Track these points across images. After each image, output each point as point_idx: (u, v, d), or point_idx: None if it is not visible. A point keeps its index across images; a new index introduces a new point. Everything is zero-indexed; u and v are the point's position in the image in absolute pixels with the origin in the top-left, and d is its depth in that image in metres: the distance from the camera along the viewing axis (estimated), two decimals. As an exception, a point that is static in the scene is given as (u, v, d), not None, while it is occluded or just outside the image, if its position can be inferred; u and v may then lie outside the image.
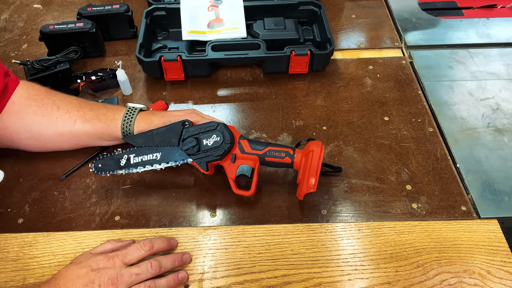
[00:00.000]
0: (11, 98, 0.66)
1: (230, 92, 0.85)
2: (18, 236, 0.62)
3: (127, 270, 0.52)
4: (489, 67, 0.89)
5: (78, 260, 0.53)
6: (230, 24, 0.91)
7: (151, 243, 0.56)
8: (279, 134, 0.76)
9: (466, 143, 0.75)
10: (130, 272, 0.52)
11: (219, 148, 0.61)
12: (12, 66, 0.86)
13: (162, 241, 0.58)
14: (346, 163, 0.71)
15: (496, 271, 0.58)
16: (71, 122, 0.67)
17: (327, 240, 0.62)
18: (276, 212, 0.65)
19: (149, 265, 0.53)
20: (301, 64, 0.84)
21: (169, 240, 0.59)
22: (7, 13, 1.05)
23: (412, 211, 0.65)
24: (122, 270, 0.52)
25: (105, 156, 0.64)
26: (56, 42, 0.86)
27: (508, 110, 0.80)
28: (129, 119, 0.67)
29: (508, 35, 0.96)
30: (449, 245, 0.61)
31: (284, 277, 0.57)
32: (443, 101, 0.82)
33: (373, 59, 0.91)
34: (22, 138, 0.68)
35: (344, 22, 1.01)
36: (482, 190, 0.68)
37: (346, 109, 0.80)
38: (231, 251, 0.61)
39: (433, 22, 1.00)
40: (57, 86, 0.76)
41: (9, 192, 0.68)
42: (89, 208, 0.66)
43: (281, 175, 0.70)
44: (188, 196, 0.67)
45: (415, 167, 0.71)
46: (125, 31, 0.94)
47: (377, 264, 0.59)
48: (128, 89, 0.83)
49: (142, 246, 0.55)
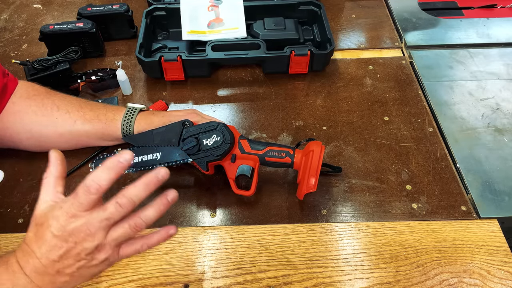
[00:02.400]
0: (11, 98, 0.66)
1: (230, 92, 0.85)
2: (18, 236, 0.62)
3: (94, 217, 0.43)
4: (489, 67, 0.89)
5: (39, 218, 0.45)
6: (230, 24, 0.91)
7: (96, 182, 0.43)
8: (279, 134, 0.76)
9: (466, 143, 0.75)
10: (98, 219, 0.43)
11: (219, 148, 0.61)
12: (12, 66, 0.86)
13: (108, 169, 0.43)
14: (346, 163, 0.71)
15: (496, 271, 0.58)
16: (71, 122, 0.67)
17: (327, 240, 0.62)
18: (276, 212, 0.65)
19: (116, 206, 0.43)
20: (301, 64, 0.84)
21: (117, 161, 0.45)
22: (7, 13, 1.05)
23: (412, 211, 0.65)
24: (88, 219, 0.43)
25: (105, 156, 0.64)
26: (56, 42, 0.86)
27: (508, 110, 0.80)
28: (129, 119, 0.67)
29: (508, 35, 0.96)
30: (449, 245, 0.61)
31: (284, 277, 0.57)
32: (443, 101, 0.82)
33: (373, 59, 0.91)
34: (23, 139, 0.68)
35: (344, 22, 1.01)
36: (482, 190, 0.68)
37: (346, 109, 0.80)
38: (231, 251, 0.61)
39: (433, 22, 1.00)
40: (57, 86, 0.76)
41: (9, 192, 0.68)
42: (89, 208, 0.65)
43: (281, 175, 0.70)
44: (188, 196, 0.67)
45: (415, 167, 0.71)
46: (125, 31, 0.94)
47: (377, 264, 0.59)
48: (128, 89, 0.83)
49: (90, 187, 0.42)
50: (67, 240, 0.43)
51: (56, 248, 0.43)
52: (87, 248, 0.44)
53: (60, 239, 0.43)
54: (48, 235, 0.43)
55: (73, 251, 0.44)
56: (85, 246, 0.43)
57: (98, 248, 0.44)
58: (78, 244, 0.43)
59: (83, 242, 0.43)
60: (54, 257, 0.43)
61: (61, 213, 0.43)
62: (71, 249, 0.43)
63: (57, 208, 0.44)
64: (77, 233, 0.43)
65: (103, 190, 0.43)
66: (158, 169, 0.45)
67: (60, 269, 0.44)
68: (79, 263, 0.44)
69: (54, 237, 0.43)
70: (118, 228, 0.45)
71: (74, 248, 0.43)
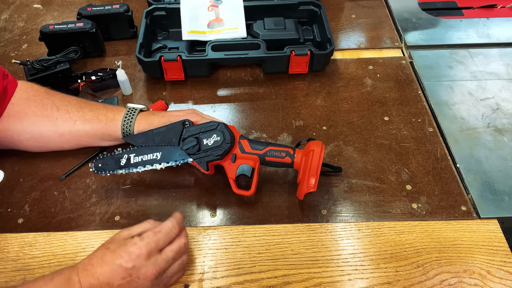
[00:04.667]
0: (10, 99, 0.66)
1: (230, 92, 0.85)
2: (18, 236, 0.62)
3: (162, 258, 0.51)
4: (489, 67, 0.89)
5: (112, 245, 0.51)
6: (230, 24, 0.91)
7: (180, 227, 0.55)
8: (279, 134, 0.76)
9: (466, 143, 0.75)
10: (166, 259, 0.52)
11: (220, 148, 0.61)
12: (12, 66, 0.86)
13: (178, 223, 0.55)
14: (346, 163, 0.71)
15: (496, 271, 0.58)
16: (71, 122, 0.67)
17: (327, 240, 0.62)
18: (276, 212, 0.65)
19: (182, 244, 0.54)
20: (301, 64, 0.84)
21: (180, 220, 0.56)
22: (7, 13, 1.05)
23: (412, 211, 0.65)
24: (157, 259, 0.51)
25: (105, 156, 0.64)
26: (56, 42, 0.86)
27: (508, 110, 0.80)
28: (129, 119, 0.67)
29: (508, 35, 0.96)
30: (449, 245, 0.61)
31: (284, 277, 0.57)
32: (443, 101, 0.82)
33: (373, 59, 0.91)
34: (23, 139, 0.68)
35: (344, 22, 1.01)
36: (482, 190, 0.68)
37: (346, 109, 0.80)
38: (231, 251, 0.61)
39: (433, 22, 1.00)
40: (57, 86, 0.76)
41: (9, 192, 0.68)
42: (89, 208, 0.66)
43: (281, 175, 0.70)
44: (188, 196, 0.67)
45: (415, 167, 0.71)
46: (125, 31, 0.94)
47: (377, 264, 0.59)
48: (128, 89, 0.83)
49: (172, 230, 0.53)
50: (131, 274, 0.49)
51: (120, 278, 0.49)
52: (145, 285, 0.50)
53: (127, 272, 0.49)
54: (116, 263, 0.49)
55: (132, 284, 0.49)
56: (144, 284, 0.50)
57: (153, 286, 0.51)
58: (140, 280, 0.50)
59: (145, 280, 0.50)
60: (114, 284, 0.49)
61: (134, 249, 0.50)
62: (131, 283, 0.49)
63: (132, 243, 0.50)
64: (144, 271, 0.50)
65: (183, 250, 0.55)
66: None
67: None
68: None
69: (121, 268, 0.49)
70: (175, 266, 0.54)
71: (134, 282, 0.49)
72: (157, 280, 0.51)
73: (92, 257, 0.51)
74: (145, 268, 0.50)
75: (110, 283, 0.49)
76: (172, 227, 0.54)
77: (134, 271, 0.49)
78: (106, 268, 0.49)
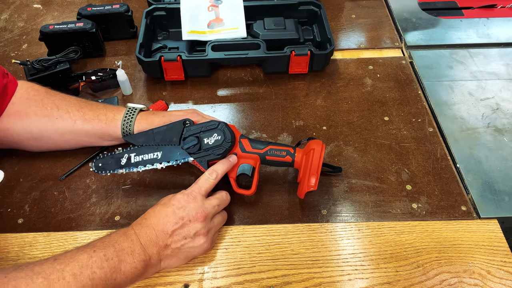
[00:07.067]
0: (11, 99, 0.66)
1: (230, 92, 0.85)
2: (18, 236, 0.62)
3: (209, 203, 0.57)
4: (489, 67, 0.89)
5: (162, 201, 0.57)
6: (230, 24, 0.91)
7: (215, 171, 0.59)
8: (279, 134, 0.76)
9: (466, 143, 0.75)
10: (212, 204, 0.57)
11: (220, 147, 0.61)
12: (12, 66, 0.86)
13: (222, 163, 0.61)
14: (346, 163, 0.71)
15: (496, 271, 0.58)
16: (71, 122, 0.67)
17: (327, 240, 0.62)
18: (276, 212, 0.65)
19: (224, 194, 0.60)
20: (301, 64, 0.84)
21: (228, 160, 0.62)
22: (7, 13, 1.05)
23: (412, 211, 0.65)
24: (204, 203, 0.56)
25: (106, 155, 0.64)
26: (56, 42, 0.86)
27: (508, 110, 0.80)
28: (129, 119, 0.67)
29: (508, 35, 0.96)
30: (449, 245, 0.61)
31: (284, 277, 0.57)
32: (443, 101, 0.82)
33: (373, 59, 0.91)
34: (23, 139, 0.68)
35: (344, 22, 1.01)
36: (482, 190, 0.68)
37: (346, 109, 0.80)
38: (231, 251, 0.61)
39: (433, 22, 1.00)
40: (57, 86, 0.76)
41: (9, 192, 0.68)
42: (89, 208, 0.66)
43: (281, 175, 0.70)
44: (188, 196, 0.67)
45: (415, 167, 0.71)
46: (125, 31, 0.94)
47: (377, 264, 0.59)
48: (128, 89, 0.83)
49: (210, 176, 0.59)
50: (183, 218, 0.54)
51: (173, 222, 0.54)
52: (196, 227, 0.55)
53: (179, 216, 0.54)
54: (169, 211, 0.54)
55: (185, 228, 0.54)
56: (196, 226, 0.55)
57: (203, 231, 0.55)
58: (191, 223, 0.54)
59: (196, 222, 0.54)
60: (168, 230, 0.54)
61: (182, 195, 0.56)
62: (184, 226, 0.54)
63: (180, 193, 0.57)
64: (194, 213, 0.55)
65: (219, 178, 0.59)
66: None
67: (169, 243, 0.54)
68: (184, 241, 0.54)
69: (173, 214, 0.54)
70: (218, 216, 0.59)
71: (187, 226, 0.54)
72: (206, 223, 0.55)
73: (144, 215, 0.56)
74: (194, 211, 0.55)
75: (165, 230, 0.53)
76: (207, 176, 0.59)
77: (185, 214, 0.54)
78: (159, 217, 0.54)
